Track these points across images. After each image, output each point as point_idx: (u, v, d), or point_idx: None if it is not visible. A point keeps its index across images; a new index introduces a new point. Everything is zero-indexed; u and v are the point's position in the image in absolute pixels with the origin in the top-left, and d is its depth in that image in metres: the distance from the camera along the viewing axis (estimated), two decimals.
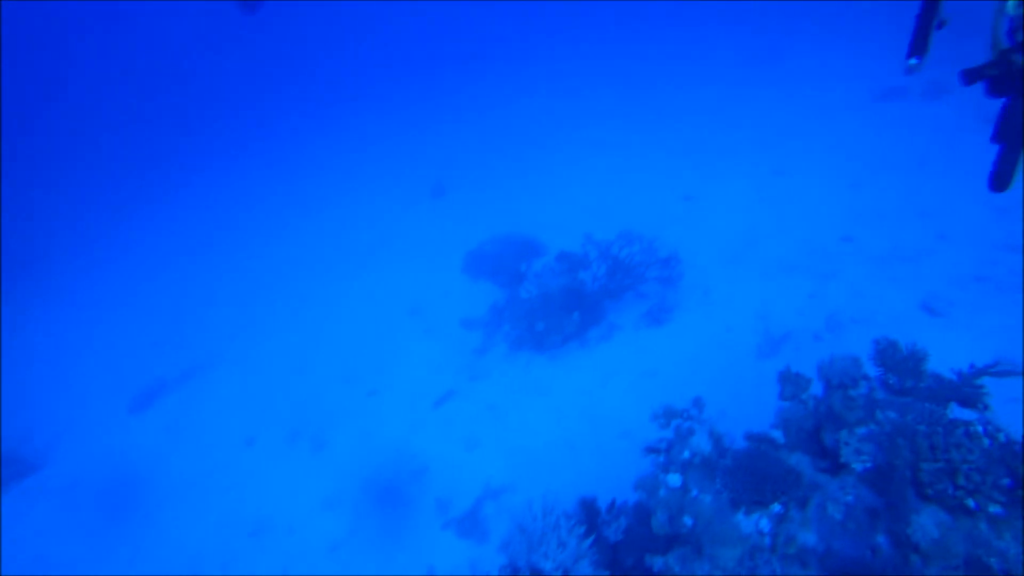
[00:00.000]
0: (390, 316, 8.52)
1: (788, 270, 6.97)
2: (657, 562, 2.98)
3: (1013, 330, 5.67)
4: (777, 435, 3.10)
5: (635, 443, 5.75)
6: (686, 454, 3.12)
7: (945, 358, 5.60)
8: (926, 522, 2.29)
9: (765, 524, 2.71)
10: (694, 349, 6.44)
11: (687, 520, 2.91)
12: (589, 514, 3.63)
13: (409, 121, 15.77)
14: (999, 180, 1.90)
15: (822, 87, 10.94)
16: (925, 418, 2.43)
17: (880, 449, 2.51)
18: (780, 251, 7.27)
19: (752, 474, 2.78)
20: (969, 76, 2.04)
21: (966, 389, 2.73)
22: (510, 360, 7.20)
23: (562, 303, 7.00)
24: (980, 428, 2.39)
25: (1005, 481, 2.26)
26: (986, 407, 2.84)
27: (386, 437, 6.78)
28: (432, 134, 14.41)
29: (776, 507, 2.70)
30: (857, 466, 2.61)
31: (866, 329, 6.04)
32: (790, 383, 3.11)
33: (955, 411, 2.58)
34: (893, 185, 7.93)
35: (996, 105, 2.13)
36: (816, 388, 3.17)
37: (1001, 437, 2.42)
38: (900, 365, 2.73)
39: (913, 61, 2.05)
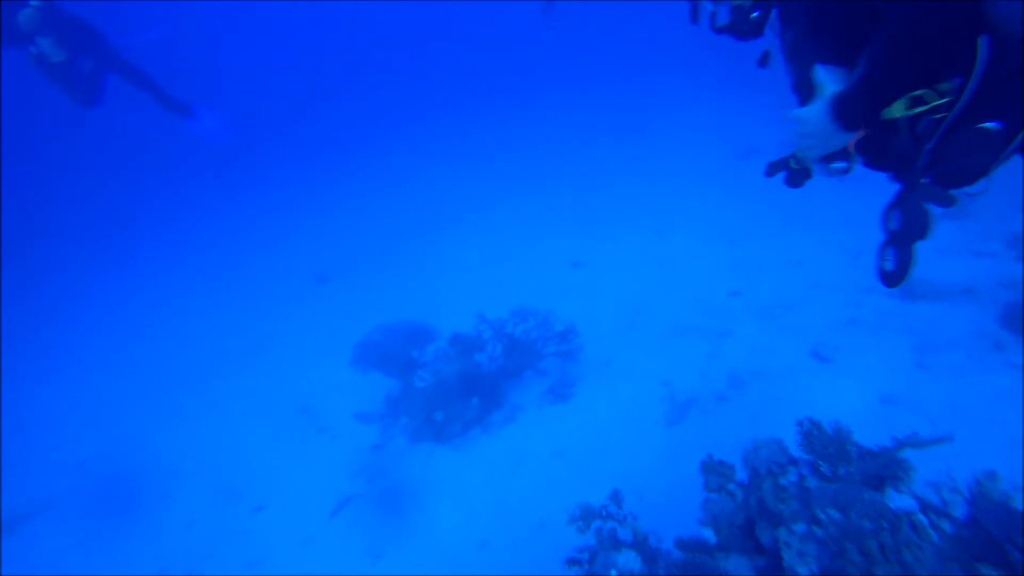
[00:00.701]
0: (278, 418, 7.69)
1: (684, 331, 6.86)
2: None
3: (888, 367, 5.77)
4: (708, 534, 2.74)
5: (552, 536, 5.28)
6: (613, 574, 2.70)
7: (841, 403, 5.59)
8: None
9: None
10: (601, 423, 6.11)
11: None
12: None
13: (290, 202, 15.14)
14: (895, 278, 1.75)
15: (690, 148, 11.35)
16: (868, 512, 2.15)
17: (826, 551, 2.20)
18: (674, 312, 7.18)
19: None
20: (770, 169, 2.02)
21: (892, 466, 2.50)
22: (410, 454, 6.59)
23: (460, 389, 6.53)
24: (924, 519, 2.14)
25: None
26: (907, 480, 2.61)
27: (277, 560, 5.93)
28: (314, 216, 13.82)
29: None
30: (803, 571, 2.27)
31: (767, 383, 5.95)
32: (714, 473, 2.78)
33: (892, 496, 2.34)
34: (766, 238, 8.13)
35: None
36: (742, 474, 2.86)
37: (946, 526, 2.17)
38: (828, 448, 2.46)
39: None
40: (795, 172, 1.96)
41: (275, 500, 6.53)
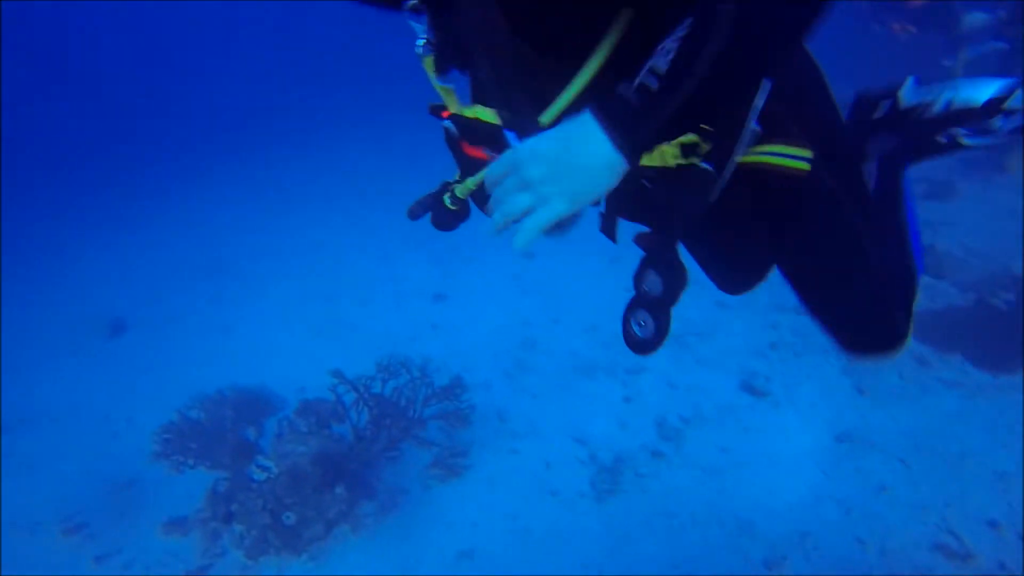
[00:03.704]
0: (31, 549, 4.98)
1: (587, 371, 5.39)
2: None
3: (829, 397, 4.78)
4: None
5: None
6: None
7: (795, 447, 4.36)
8: None
9: None
10: (511, 503, 4.41)
11: None
12: None
13: (78, 226, 11.77)
14: (650, 345, 1.46)
15: None
16: None
17: None
18: (568, 347, 5.69)
19: None
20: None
21: None
22: None
23: (318, 476, 4.50)
24: None
25: None
26: None
27: None
28: (109, 245, 10.72)
29: None
30: None
31: (705, 430, 4.62)
32: None
33: None
34: None
35: None
36: None
37: None
38: None
39: None
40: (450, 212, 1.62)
41: None
